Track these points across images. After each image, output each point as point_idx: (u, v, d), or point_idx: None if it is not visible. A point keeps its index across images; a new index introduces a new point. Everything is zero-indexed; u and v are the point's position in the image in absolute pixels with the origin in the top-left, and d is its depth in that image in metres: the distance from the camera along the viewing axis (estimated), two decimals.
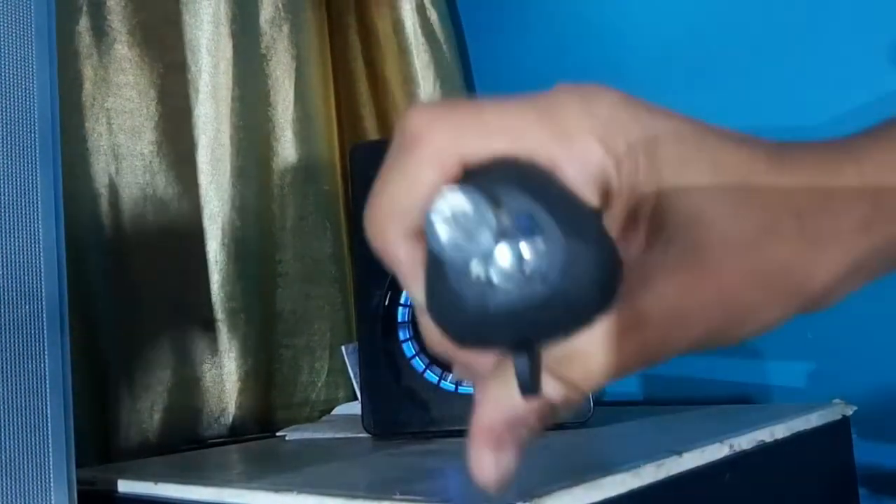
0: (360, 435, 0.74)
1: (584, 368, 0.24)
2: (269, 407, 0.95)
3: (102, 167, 0.85)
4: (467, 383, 0.67)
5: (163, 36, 0.91)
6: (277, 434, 0.85)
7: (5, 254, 0.47)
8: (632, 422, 0.67)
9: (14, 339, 0.47)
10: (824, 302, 0.25)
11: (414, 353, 0.72)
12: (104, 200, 0.85)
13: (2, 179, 0.48)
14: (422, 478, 0.53)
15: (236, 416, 0.90)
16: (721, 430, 0.54)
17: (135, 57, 0.89)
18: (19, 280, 0.48)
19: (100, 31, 0.86)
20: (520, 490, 0.40)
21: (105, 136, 0.86)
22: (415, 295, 0.25)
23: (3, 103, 0.48)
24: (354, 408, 0.90)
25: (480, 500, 0.43)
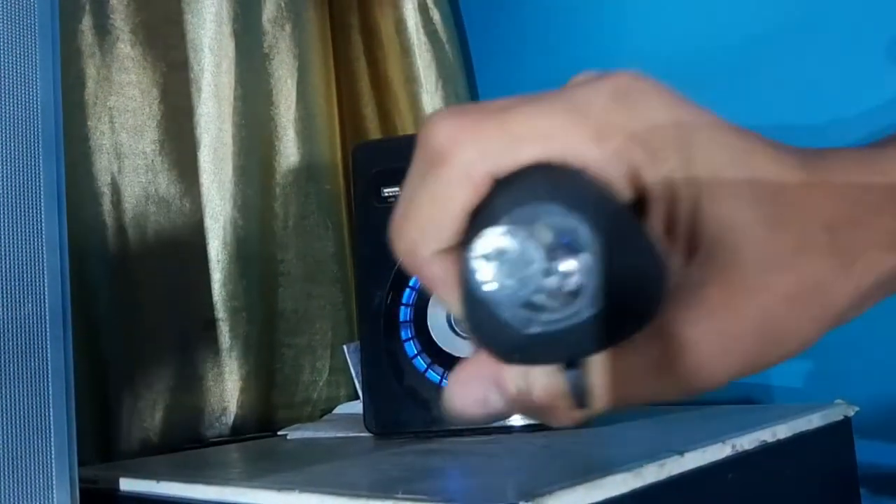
0: (361, 434, 0.74)
1: (605, 403, 0.23)
2: (270, 406, 0.95)
3: (105, 166, 0.85)
4: None
5: (165, 35, 0.91)
6: (279, 433, 0.85)
7: (8, 252, 0.48)
8: (633, 421, 0.67)
9: (16, 337, 0.47)
10: (847, 318, 0.24)
11: (416, 352, 0.72)
12: (106, 199, 0.85)
13: (5, 178, 0.48)
14: (424, 477, 0.53)
15: (238, 415, 0.91)
16: (723, 429, 0.54)
17: (137, 56, 0.89)
18: (22, 278, 0.48)
19: (102, 29, 0.86)
20: (520, 490, 0.39)
21: (107, 134, 0.86)
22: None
23: (7, 102, 0.48)
24: (356, 407, 0.90)
25: (482, 500, 0.42)
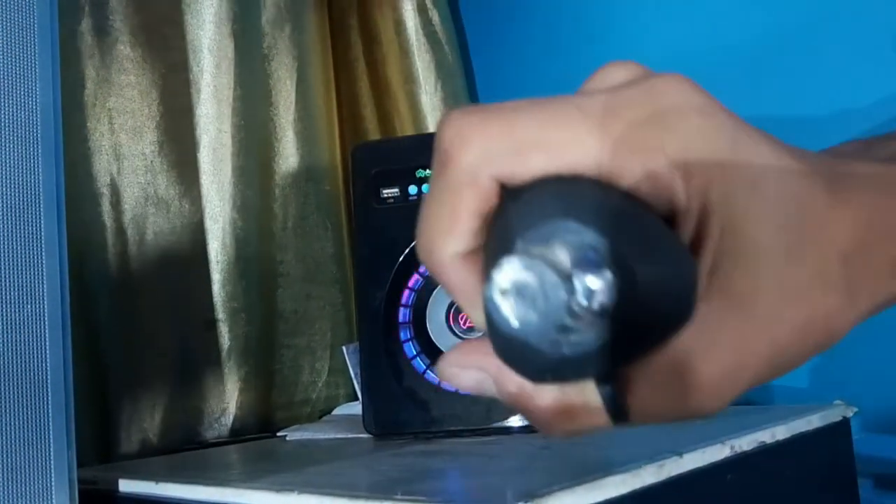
0: (360, 435, 0.74)
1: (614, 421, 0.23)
2: (269, 407, 0.95)
3: (104, 167, 0.85)
4: None
5: (164, 36, 0.91)
6: (278, 434, 0.85)
7: (7, 253, 0.48)
8: None
9: (16, 338, 0.47)
10: (840, 338, 0.24)
11: (415, 353, 0.72)
12: (105, 200, 0.85)
13: (4, 179, 0.48)
14: (423, 478, 0.53)
15: (237, 416, 0.91)
16: (722, 430, 0.54)
17: (136, 57, 0.89)
18: (21, 280, 0.48)
19: (102, 30, 0.86)
20: (519, 491, 0.39)
21: (107, 135, 0.86)
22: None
23: (6, 103, 0.48)
24: (355, 408, 0.90)
25: (481, 501, 0.42)
